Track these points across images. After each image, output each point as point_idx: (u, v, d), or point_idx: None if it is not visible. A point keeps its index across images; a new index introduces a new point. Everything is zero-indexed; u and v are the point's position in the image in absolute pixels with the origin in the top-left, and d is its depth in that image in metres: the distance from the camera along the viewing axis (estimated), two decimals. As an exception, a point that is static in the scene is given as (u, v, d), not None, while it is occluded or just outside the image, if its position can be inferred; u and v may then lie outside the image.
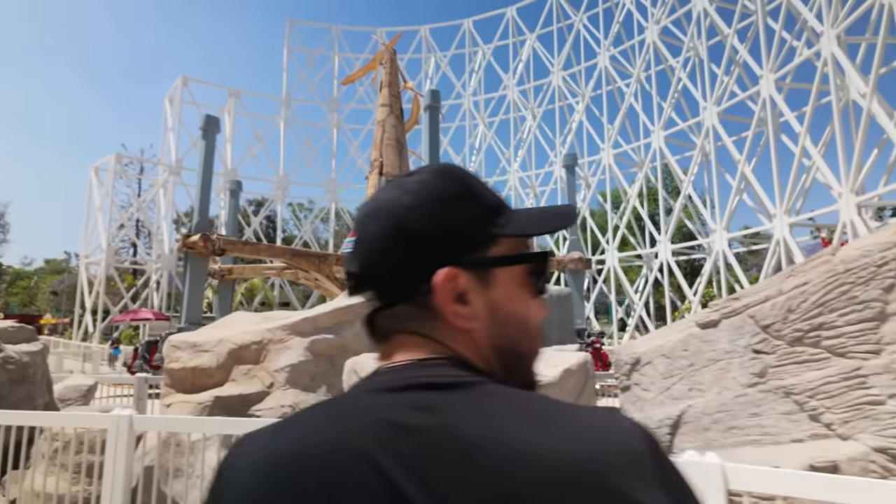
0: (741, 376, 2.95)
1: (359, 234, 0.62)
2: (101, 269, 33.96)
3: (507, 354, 0.61)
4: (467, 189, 0.62)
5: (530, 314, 0.63)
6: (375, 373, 0.59)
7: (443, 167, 0.64)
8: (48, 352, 5.75)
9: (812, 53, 23.07)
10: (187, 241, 13.69)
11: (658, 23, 35.01)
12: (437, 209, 0.59)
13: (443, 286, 0.57)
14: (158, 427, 3.43)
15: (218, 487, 0.56)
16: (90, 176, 36.88)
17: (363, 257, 0.60)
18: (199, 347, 4.72)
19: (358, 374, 4.17)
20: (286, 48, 46.18)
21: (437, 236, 0.59)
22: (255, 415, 4.50)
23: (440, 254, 0.58)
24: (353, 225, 0.66)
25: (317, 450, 0.51)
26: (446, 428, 0.48)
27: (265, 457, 0.53)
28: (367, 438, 0.49)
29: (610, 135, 37.44)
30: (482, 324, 0.59)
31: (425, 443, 0.47)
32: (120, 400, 7.58)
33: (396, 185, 0.63)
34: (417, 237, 0.58)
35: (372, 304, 0.63)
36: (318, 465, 0.49)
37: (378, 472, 0.47)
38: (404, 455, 0.47)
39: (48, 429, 3.99)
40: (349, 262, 0.63)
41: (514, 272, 0.62)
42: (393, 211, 0.60)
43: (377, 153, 19.06)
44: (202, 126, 15.72)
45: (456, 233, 0.59)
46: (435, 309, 0.58)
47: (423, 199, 0.60)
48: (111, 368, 22.53)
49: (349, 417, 0.52)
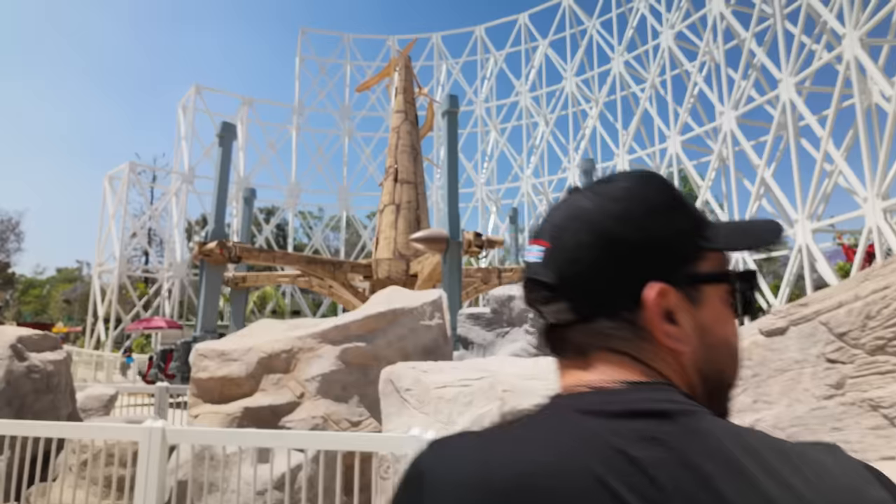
0: (815, 388, 2.75)
1: (553, 243, 0.58)
2: (115, 278, 34.20)
3: (712, 381, 0.57)
4: (677, 199, 0.59)
5: (735, 338, 0.60)
6: (576, 391, 0.56)
7: (645, 173, 0.61)
8: (71, 360, 5.65)
9: (833, 56, 22.73)
10: (203, 249, 13.65)
11: (673, 27, 34.78)
12: (647, 219, 0.56)
13: (654, 303, 0.54)
14: (192, 439, 3.29)
15: (416, 498, 0.53)
16: (104, 184, 37.26)
17: (560, 267, 0.57)
18: (228, 356, 4.59)
19: (394, 385, 4.00)
20: (298, 57, 46.51)
21: (647, 248, 0.56)
22: (286, 426, 4.36)
23: (650, 267, 0.55)
24: (539, 231, 0.61)
25: (542, 472, 0.48)
26: (683, 465, 0.45)
27: (481, 474, 0.50)
28: (600, 466, 0.47)
29: (625, 140, 37.16)
30: (691, 346, 0.56)
31: (665, 478, 0.44)
32: (141, 409, 7.48)
33: (596, 191, 0.60)
34: (626, 249, 0.55)
35: (562, 317, 0.58)
36: (547, 490, 0.47)
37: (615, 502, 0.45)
38: (642, 490, 0.44)
39: (76, 440, 3.87)
40: (538, 270, 0.59)
41: (719, 291, 0.58)
42: (597, 219, 0.57)
43: (392, 159, 19.01)
44: (219, 133, 15.76)
45: (667, 245, 0.56)
46: (642, 327, 0.55)
47: (632, 208, 0.57)
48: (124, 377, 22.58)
49: (572, 441, 0.49)
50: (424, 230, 14.91)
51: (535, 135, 43.71)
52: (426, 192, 19.59)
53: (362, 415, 4.50)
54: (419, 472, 0.56)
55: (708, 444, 0.46)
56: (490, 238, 13.71)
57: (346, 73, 48.00)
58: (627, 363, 0.56)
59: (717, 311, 0.58)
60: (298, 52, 46.59)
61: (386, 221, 17.97)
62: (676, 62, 34.83)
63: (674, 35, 34.71)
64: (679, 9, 34.68)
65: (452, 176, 13.52)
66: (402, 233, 17.62)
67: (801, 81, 24.67)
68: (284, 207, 44.47)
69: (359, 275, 16.95)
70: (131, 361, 22.15)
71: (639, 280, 0.55)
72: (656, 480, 0.44)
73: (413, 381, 3.93)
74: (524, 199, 42.03)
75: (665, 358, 0.56)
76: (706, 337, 0.56)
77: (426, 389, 3.82)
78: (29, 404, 4.99)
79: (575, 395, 0.56)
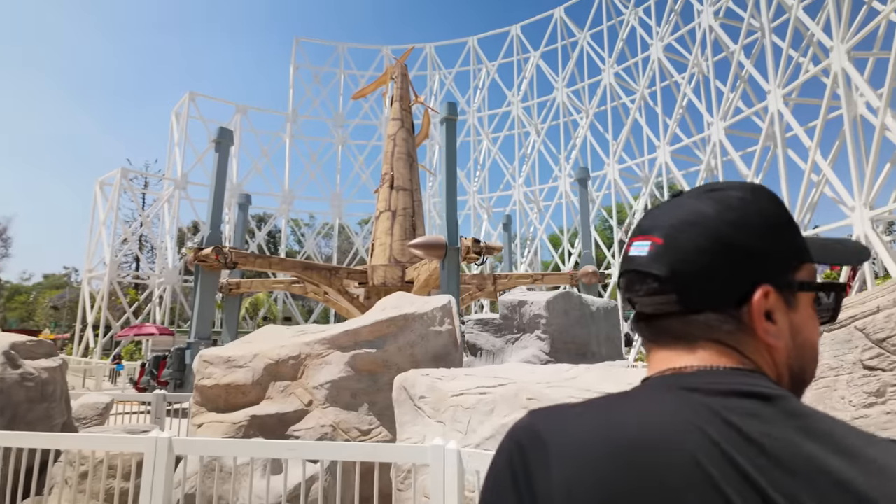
0: (853, 396, 2.68)
1: (667, 240, 0.64)
2: (105, 284, 33.63)
3: (796, 376, 0.64)
4: (785, 213, 0.66)
5: (818, 341, 0.66)
6: (679, 372, 0.62)
7: (758, 187, 0.67)
8: (67, 368, 5.46)
9: (819, 70, 23.13)
10: (199, 255, 13.43)
11: (662, 40, 35.24)
12: (763, 230, 0.63)
13: (759, 303, 0.61)
14: (201, 450, 3.14)
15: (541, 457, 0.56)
16: (95, 190, 36.75)
17: (673, 263, 0.63)
18: (234, 363, 4.45)
19: (408, 392, 3.88)
20: (292, 65, 46.45)
21: (760, 255, 0.62)
22: (293, 435, 4.22)
23: (759, 271, 0.62)
24: (649, 228, 0.66)
25: (664, 430, 0.53)
26: (785, 439, 0.50)
27: (606, 433, 0.55)
28: (714, 431, 0.52)
29: (615, 150, 37.45)
30: (784, 343, 0.63)
31: (771, 448, 0.50)
32: (137, 418, 7.25)
33: (713, 198, 0.65)
34: (742, 255, 0.62)
35: (666, 308, 0.64)
36: (670, 445, 0.52)
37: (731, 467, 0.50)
38: (752, 457, 0.50)
39: (73, 452, 3.70)
40: (647, 263, 0.65)
41: (809, 298, 0.66)
42: (714, 225, 0.63)
43: (388, 166, 18.92)
44: (216, 138, 15.58)
45: (776, 254, 0.63)
46: (745, 322, 0.62)
47: (749, 218, 0.63)
48: (114, 385, 22.10)
49: (687, 409, 0.55)
50: (423, 236, 14.82)
51: (527, 144, 43.97)
52: (422, 199, 19.50)
53: (372, 423, 4.37)
54: (534, 434, 0.59)
55: (806, 423, 0.52)
56: (489, 245, 13.64)
57: (340, 82, 48.03)
58: (729, 352, 0.62)
59: (807, 315, 0.65)
60: (293, 60, 46.55)
61: (381, 228, 17.85)
62: (666, 74, 35.27)
63: (663, 47, 35.16)
64: (668, 22, 35.18)
65: (451, 182, 13.46)
66: (397, 239, 17.51)
67: (788, 93, 25.04)
68: (277, 215, 44.15)
69: (354, 281, 16.79)
70: (121, 369, 21.70)
71: (748, 281, 0.62)
72: (764, 450, 0.49)
73: (427, 389, 3.81)
74: (516, 208, 42.14)
75: (761, 351, 0.62)
76: (797, 337, 0.64)
77: (442, 397, 3.70)
78: (22, 414, 4.79)
79: (677, 376, 0.61)
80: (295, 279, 19.74)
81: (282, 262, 16.03)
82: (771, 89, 25.56)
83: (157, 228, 42.14)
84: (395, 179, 18.31)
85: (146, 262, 42.33)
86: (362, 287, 17.03)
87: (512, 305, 5.25)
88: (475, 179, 45.79)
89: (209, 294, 14.28)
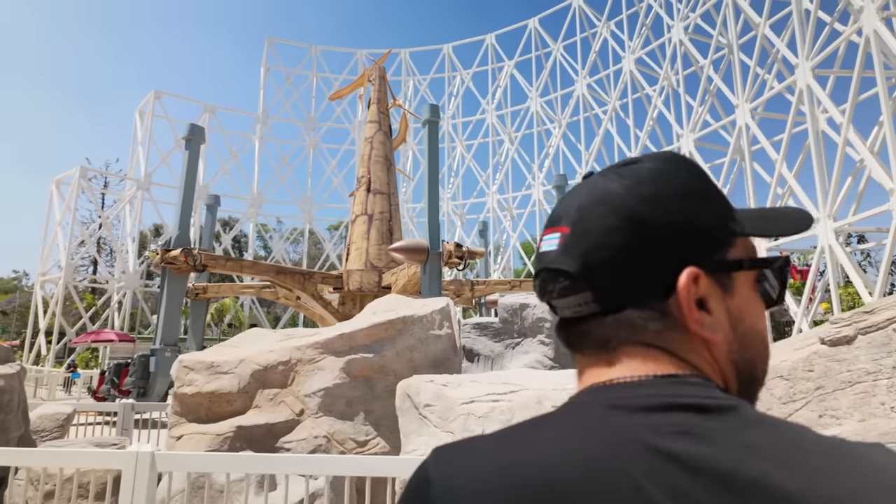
0: (894, 401, 2.57)
1: (574, 228, 0.54)
2: (59, 288, 31.98)
3: (744, 373, 0.55)
4: (707, 182, 0.56)
5: (764, 327, 0.57)
6: (603, 386, 0.52)
7: (672, 155, 0.57)
8: (25, 375, 4.97)
9: (784, 87, 24.00)
10: (167, 257, 12.79)
11: (634, 53, 36.04)
12: (682, 203, 0.53)
13: (686, 289, 0.51)
14: (187, 466, 2.80)
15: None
16: (51, 189, 35.05)
17: (583, 254, 0.53)
18: (218, 369, 4.09)
19: (412, 400, 3.62)
20: (264, 66, 45.55)
21: (679, 232, 0.52)
22: (284, 447, 3.89)
23: (681, 253, 0.52)
24: (555, 218, 0.57)
25: (572, 477, 0.44)
26: (720, 461, 0.41)
27: (503, 479, 0.46)
28: (634, 467, 0.43)
29: (587, 159, 37.99)
30: (723, 335, 0.53)
31: (698, 476, 0.41)
32: (101, 430, 6.72)
33: (621, 173, 0.55)
34: (658, 233, 0.52)
35: (582, 309, 0.54)
36: (580, 496, 0.43)
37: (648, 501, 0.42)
38: (677, 489, 0.41)
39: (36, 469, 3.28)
40: (555, 259, 0.54)
41: (749, 279, 0.56)
42: (625, 203, 0.53)
43: (364, 170, 18.59)
44: (186, 135, 14.95)
45: (700, 229, 0.53)
46: (673, 316, 0.52)
47: (664, 191, 0.53)
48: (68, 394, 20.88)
49: (602, 440, 0.46)
50: (404, 240, 14.52)
51: (501, 152, 44.20)
52: (399, 204, 19.22)
53: (369, 434, 4.08)
54: (425, 482, 0.50)
55: (750, 438, 0.43)
56: (471, 249, 13.45)
57: (312, 85, 47.33)
58: (658, 356, 0.52)
59: (747, 298, 0.55)
60: (264, 61, 45.66)
61: (358, 232, 17.48)
62: (637, 86, 36.06)
63: (635, 60, 35.97)
64: (640, 35, 36.04)
65: (433, 185, 13.25)
66: (374, 244, 17.17)
67: (755, 108, 25.89)
68: (245, 218, 43.01)
69: (329, 286, 16.34)
70: (77, 377, 20.54)
71: (671, 267, 0.51)
72: (698, 476, 0.41)
73: (434, 396, 3.56)
74: (489, 215, 42.24)
75: (698, 349, 0.52)
76: (738, 325, 0.54)
77: (450, 405, 3.45)
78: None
79: (599, 390, 0.51)
80: (266, 284, 19.10)
81: (254, 266, 15.47)
82: (739, 103, 26.38)
83: (117, 231, 40.45)
84: (372, 183, 17.98)
85: (104, 266, 40.51)
86: (337, 292, 16.59)
87: (513, 309, 5.04)
88: (449, 186, 45.73)
89: (176, 298, 13.62)
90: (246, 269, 15.15)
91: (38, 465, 3.16)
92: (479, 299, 20.48)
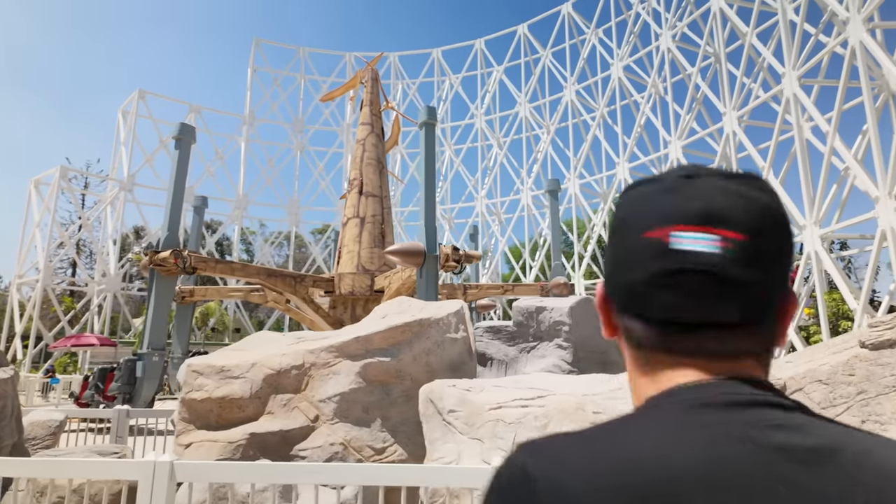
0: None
1: (754, 238, 0.52)
2: (37, 291, 31.11)
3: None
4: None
5: None
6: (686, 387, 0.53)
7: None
8: (18, 380, 4.73)
9: (770, 95, 24.43)
10: (156, 258, 12.46)
11: (622, 60, 36.43)
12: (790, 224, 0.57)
13: (793, 309, 0.55)
14: (209, 476, 2.64)
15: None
16: (30, 189, 34.14)
17: (763, 265, 0.53)
18: (228, 373, 3.92)
19: (436, 406, 3.49)
20: (251, 67, 45.06)
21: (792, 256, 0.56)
22: (299, 455, 3.73)
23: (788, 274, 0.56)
24: (715, 218, 0.53)
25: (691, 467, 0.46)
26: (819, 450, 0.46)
27: (624, 475, 0.46)
28: (746, 457, 0.46)
29: (575, 165, 38.23)
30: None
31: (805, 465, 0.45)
32: (94, 437, 6.44)
33: (761, 188, 0.55)
34: (792, 257, 0.56)
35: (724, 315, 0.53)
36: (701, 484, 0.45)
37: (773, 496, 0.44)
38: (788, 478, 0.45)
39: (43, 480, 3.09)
40: (728, 265, 0.51)
41: None
42: (786, 221, 0.55)
43: (357, 172, 18.40)
44: (176, 135, 14.64)
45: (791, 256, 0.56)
46: (778, 330, 0.56)
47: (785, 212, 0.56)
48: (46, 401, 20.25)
49: (708, 434, 0.48)
50: (400, 243, 14.36)
51: (490, 157, 44.27)
52: (391, 206, 19.07)
53: (386, 440, 3.94)
54: (525, 479, 0.48)
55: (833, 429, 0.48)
56: (468, 252, 13.35)
57: (300, 87, 46.93)
58: (753, 362, 0.55)
59: None
60: (251, 62, 45.18)
61: (349, 235, 17.27)
62: (625, 93, 36.44)
63: (623, 67, 36.35)
64: (628, 43, 36.46)
65: (430, 188, 13.14)
66: (366, 247, 16.97)
67: (742, 115, 26.31)
68: (230, 221, 42.37)
69: (320, 290, 16.09)
70: (56, 382, 19.92)
71: (787, 283, 0.55)
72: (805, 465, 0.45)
73: (458, 402, 3.44)
74: (478, 220, 42.23)
75: (769, 361, 0.57)
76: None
77: (476, 411, 3.34)
78: (-37, 434, 4.07)
79: (684, 391, 0.53)
80: (254, 287, 18.77)
81: (245, 269, 15.17)
82: (726, 111, 26.77)
83: (97, 232, 39.56)
84: (365, 185, 17.81)
85: (84, 268, 39.54)
86: (328, 296, 16.35)
87: (528, 312, 4.93)
88: (438, 190, 45.63)
89: (164, 301, 13.28)
90: (237, 271, 14.86)
91: (46, 475, 2.97)
92: (471, 304, 20.38)
